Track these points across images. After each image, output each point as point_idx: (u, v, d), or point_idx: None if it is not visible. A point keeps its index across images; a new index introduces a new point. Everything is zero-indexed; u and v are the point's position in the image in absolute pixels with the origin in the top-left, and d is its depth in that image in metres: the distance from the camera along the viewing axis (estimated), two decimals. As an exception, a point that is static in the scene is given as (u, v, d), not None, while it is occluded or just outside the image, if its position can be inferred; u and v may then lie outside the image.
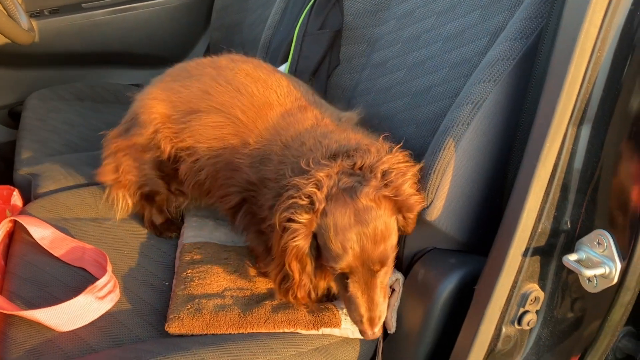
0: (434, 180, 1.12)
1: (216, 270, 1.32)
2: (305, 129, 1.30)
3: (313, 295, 1.21)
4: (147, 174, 1.50)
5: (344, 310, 1.26)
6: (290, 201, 1.12)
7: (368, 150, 1.17)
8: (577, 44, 0.93)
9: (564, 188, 1.02)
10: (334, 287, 1.26)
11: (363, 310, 1.12)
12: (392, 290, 1.30)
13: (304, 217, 1.09)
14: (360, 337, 1.26)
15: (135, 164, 1.51)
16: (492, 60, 1.10)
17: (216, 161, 1.38)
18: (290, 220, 1.10)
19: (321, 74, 1.64)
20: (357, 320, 1.14)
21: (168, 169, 1.48)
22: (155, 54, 2.58)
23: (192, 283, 1.27)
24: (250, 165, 1.32)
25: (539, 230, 1.04)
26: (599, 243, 1.00)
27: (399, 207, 1.13)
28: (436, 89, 1.31)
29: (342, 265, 1.09)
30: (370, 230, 1.08)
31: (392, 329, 1.29)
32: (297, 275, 1.15)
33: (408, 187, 1.13)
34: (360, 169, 1.14)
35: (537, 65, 1.07)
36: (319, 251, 1.14)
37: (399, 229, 1.16)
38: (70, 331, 1.19)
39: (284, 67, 1.70)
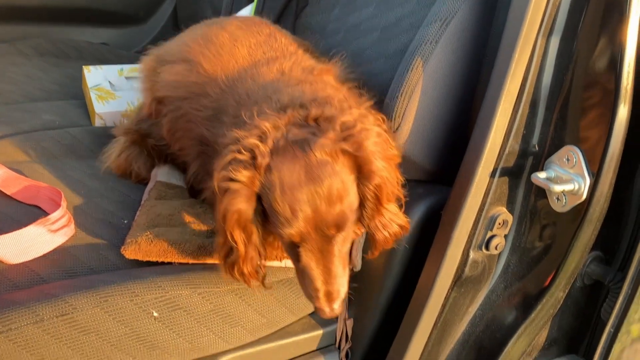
0: (402, 103, 1.09)
1: (182, 205, 1.28)
2: (264, 82, 1.14)
3: (263, 271, 1.06)
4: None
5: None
6: (229, 157, 0.96)
7: (328, 102, 1.02)
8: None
9: (533, 104, 1.00)
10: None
11: (319, 283, 0.97)
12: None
13: (244, 175, 0.94)
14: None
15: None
16: (461, -23, 1.07)
17: (177, 110, 1.32)
18: (229, 180, 0.95)
19: (288, 15, 1.59)
20: (312, 296, 0.99)
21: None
22: (121, 11, 2.50)
23: (155, 214, 1.23)
24: (206, 119, 1.22)
25: (507, 150, 1.02)
26: (568, 159, 0.98)
27: (359, 167, 0.97)
28: (405, 21, 1.28)
29: (292, 231, 0.94)
30: (324, 189, 0.92)
31: (357, 266, 1.26)
32: (241, 247, 0.99)
33: (372, 145, 0.96)
34: (316, 120, 0.98)
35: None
36: (266, 217, 0.99)
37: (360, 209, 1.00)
38: (21, 263, 1.13)
39: (249, 8, 1.65)
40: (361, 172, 0.97)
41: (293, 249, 0.99)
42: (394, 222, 1.03)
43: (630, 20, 0.91)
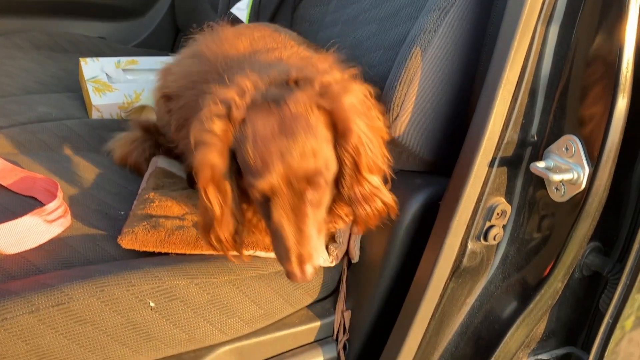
0: (400, 92, 1.08)
1: (180, 196, 1.27)
2: (259, 65, 1.11)
3: (241, 239, 1.03)
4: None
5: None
6: (206, 110, 0.95)
7: (311, 65, 1.02)
8: None
9: (532, 93, 0.99)
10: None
11: (290, 243, 0.92)
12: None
13: (217, 126, 0.92)
14: (323, 264, 1.23)
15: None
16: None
17: (181, 100, 1.31)
18: (203, 132, 0.94)
19: (286, 7, 1.58)
20: (283, 258, 0.94)
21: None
22: (118, 5, 2.49)
23: (152, 204, 1.22)
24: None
25: (506, 139, 1.01)
26: (567, 149, 0.98)
27: (335, 124, 0.95)
28: (404, 11, 1.27)
29: (263, 184, 0.91)
30: (297, 142, 0.90)
31: (355, 258, 1.25)
32: (216, 208, 0.97)
33: (351, 103, 0.95)
34: (296, 82, 0.97)
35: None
36: (241, 176, 0.97)
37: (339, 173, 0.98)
38: (17, 254, 1.13)
39: (246, 1, 1.64)
40: (338, 130, 0.94)
41: (266, 208, 0.95)
42: (377, 197, 1.00)
43: (630, 9, 0.90)
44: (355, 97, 0.96)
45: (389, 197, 1.02)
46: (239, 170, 0.96)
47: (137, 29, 2.58)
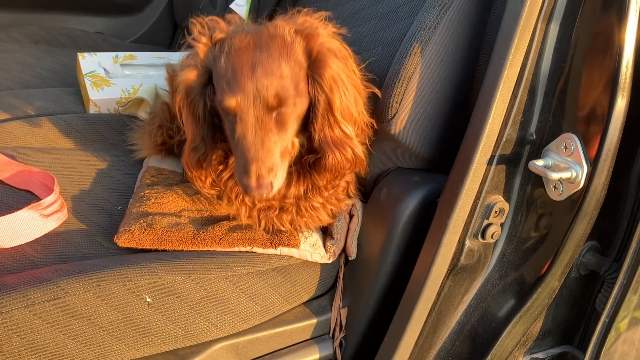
0: (399, 89, 1.08)
1: (175, 192, 1.26)
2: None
3: (223, 176, 1.07)
4: None
5: (304, 234, 1.22)
6: (194, 34, 1.00)
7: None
8: None
9: (532, 91, 0.99)
10: None
11: (250, 154, 0.92)
12: (351, 216, 1.26)
13: (200, 42, 0.97)
14: (320, 261, 1.22)
15: None
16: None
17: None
18: (186, 57, 0.99)
19: (286, 4, 1.57)
20: (242, 171, 0.93)
21: None
22: (116, 0, 2.48)
23: (148, 202, 1.21)
24: None
25: (505, 137, 1.01)
26: (565, 147, 0.97)
27: (310, 52, 0.96)
28: (403, 8, 1.27)
29: (231, 95, 0.91)
30: (269, 56, 0.91)
31: (352, 255, 1.25)
32: (188, 129, 1.00)
33: (328, 38, 0.97)
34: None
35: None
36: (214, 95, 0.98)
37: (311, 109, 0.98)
38: (12, 247, 1.12)
39: (247, -4, 1.64)
40: (313, 58, 0.95)
41: (233, 124, 0.95)
42: (348, 146, 1.00)
43: (630, 8, 0.90)
44: (334, 39, 0.99)
45: (359, 150, 1.02)
46: (213, 95, 0.98)
47: (135, 24, 2.57)
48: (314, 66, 0.96)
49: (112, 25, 2.53)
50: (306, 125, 1.01)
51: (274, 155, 0.93)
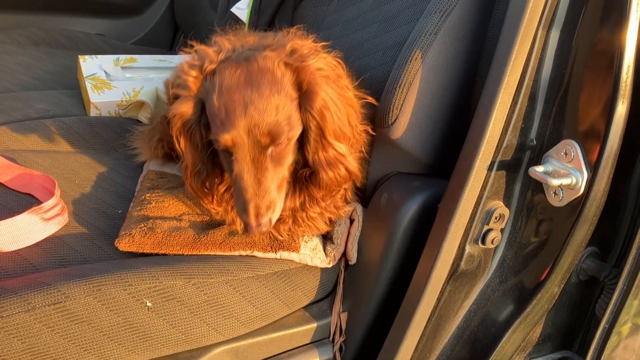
0: (400, 95, 1.08)
1: (176, 195, 1.26)
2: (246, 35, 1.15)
3: (210, 188, 1.09)
4: None
5: (304, 238, 1.22)
6: (183, 62, 1.00)
7: (289, 39, 1.04)
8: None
9: (532, 97, 0.99)
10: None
11: (248, 194, 0.95)
12: (352, 221, 1.26)
13: (190, 78, 0.97)
14: (320, 265, 1.23)
15: None
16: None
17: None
18: (178, 87, 0.99)
19: (287, 7, 1.58)
20: (240, 209, 0.97)
21: None
22: (117, 2, 2.48)
23: (149, 205, 1.21)
24: None
25: (505, 143, 1.01)
26: (566, 153, 0.98)
27: (300, 84, 0.96)
28: (404, 13, 1.27)
29: (226, 135, 0.93)
30: (260, 94, 0.92)
31: (353, 259, 1.25)
32: (187, 156, 1.02)
33: (317, 67, 0.96)
34: (270, 46, 1.01)
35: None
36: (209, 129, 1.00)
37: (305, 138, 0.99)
38: (13, 251, 1.12)
39: (247, 1, 1.64)
40: (303, 90, 0.96)
41: (229, 159, 0.98)
42: (341, 164, 1.01)
43: (631, 15, 0.90)
44: (325, 63, 0.98)
45: (353, 166, 1.04)
46: (208, 125, 0.99)
47: (135, 26, 2.57)
48: (305, 97, 0.96)
49: (113, 27, 2.54)
50: (300, 144, 1.02)
51: (271, 193, 0.96)
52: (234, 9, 1.70)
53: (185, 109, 0.98)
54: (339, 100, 0.98)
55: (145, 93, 1.72)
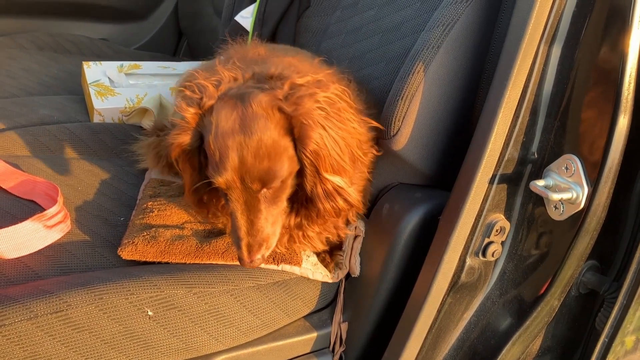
0: (402, 107, 1.08)
1: (178, 203, 1.27)
2: (250, 59, 1.14)
3: (208, 205, 1.14)
4: None
5: (307, 252, 1.23)
6: (183, 93, 1.02)
7: (293, 65, 1.05)
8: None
9: (534, 111, 1.00)
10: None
11: (242, 233, 0.99)
12: (355, 237, 1.27)
13: (189, 112, 0.99)
14: (321, 279, 1.23)
15: None
16: (464, -17, 1.07)
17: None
18: (178, 117, 1.02)
19: (290, 17, 1.58)
20: (235, 243, 1.02)
21: None
22: (121, 7, 2.50)
23: (151, 214, 1.22)
24: None
25: (507, 156, 1.02)
26: (566, 168, 0.98)
27: (293, 129, 0.97)
28: (407, 24, 1.28)
29: (219, 178, 0.96)
30: (253, 142, 0.94)
31: (356, 272, 1.25)
32: (186, 176, 1.06)
33: (313, 109, 0.96)
34: (272, 77, 1.01)
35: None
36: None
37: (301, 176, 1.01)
38: (16, 259, 1.13)
39: (251, 9, 1.65)
40: (295, 134, 0.97)
41: (226, 198, 1.01)
42: (340, 196, 1.02)
43: (632, 31, 0.91)
44: (324, 99, 0.98)
45: (353, 197, 1.04)
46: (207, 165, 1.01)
47: (139, 32, 2.58)
48: (298, 141, 0.97)
49: (117, 32, 2.55)
50: (300, 173, 1.03)
51: (264, 231, 1.00)
52: (237, 18, 1.71)
53: (185, 139, 1.00)
54: (338, 136, 0.98)
55: (149, 100, 1.72)
